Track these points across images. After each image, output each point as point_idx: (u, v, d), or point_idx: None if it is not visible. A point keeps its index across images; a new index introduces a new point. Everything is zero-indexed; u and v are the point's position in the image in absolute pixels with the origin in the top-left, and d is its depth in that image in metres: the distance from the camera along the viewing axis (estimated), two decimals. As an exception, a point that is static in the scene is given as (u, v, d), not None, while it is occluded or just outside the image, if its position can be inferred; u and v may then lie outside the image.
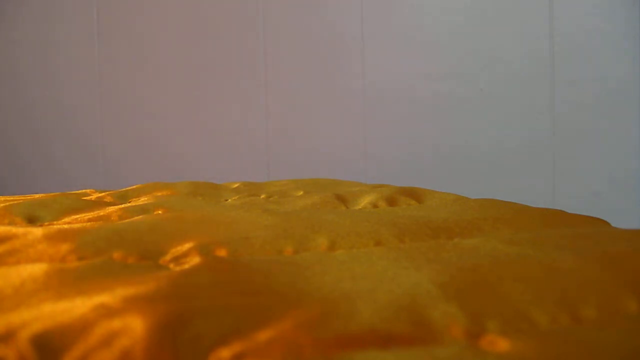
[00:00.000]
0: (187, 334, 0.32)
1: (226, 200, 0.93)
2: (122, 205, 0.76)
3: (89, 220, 0.68)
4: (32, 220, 0.69)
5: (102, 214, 0.70)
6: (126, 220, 0.65)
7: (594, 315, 0.38)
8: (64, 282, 0.41)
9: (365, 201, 0.84)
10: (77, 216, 0.70)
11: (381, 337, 0.33)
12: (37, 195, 0.93)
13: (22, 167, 2.14)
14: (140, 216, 0.69)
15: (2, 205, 0.73)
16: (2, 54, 2.15)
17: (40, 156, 2.13)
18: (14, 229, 0.57)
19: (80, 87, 2.09)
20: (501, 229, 0.64)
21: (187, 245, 0.52)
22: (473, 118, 1.85)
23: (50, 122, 2.12)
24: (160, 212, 0.73)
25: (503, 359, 0.31)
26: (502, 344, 0.33)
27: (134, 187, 1.00)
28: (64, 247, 0.51)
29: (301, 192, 0.99)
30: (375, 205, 0.83)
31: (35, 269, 0.43)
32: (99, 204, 0.80)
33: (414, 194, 0.88)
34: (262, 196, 0.96)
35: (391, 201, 0.85)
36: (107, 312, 0.35)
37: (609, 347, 0.32)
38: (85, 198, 0.89)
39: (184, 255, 0.50)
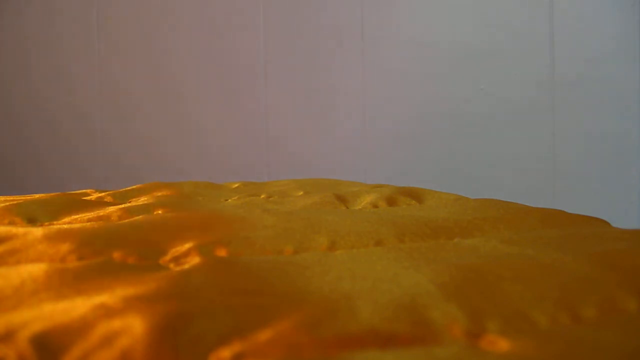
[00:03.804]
0: (187, 334, 0.32)
1: (226, 200, 0.93)
2: (122, 205, 0.76)
3: (89, 220, 0.68)
4: (32, 220, 0.69)
5: (102, 214, 0.70)
6: (126, 220, 0.65)
7: (594, 315, 0.38)
8: (64, 282, 0.41)
9: (365, 201, 0.84)
10: (77, 216, 0.70)
11: (381, 337, 0.33)
12: (37, 195, 0.93)
13: (21, 167, 2.14)
14: (140, 216, 0.69)
15: (2, 205, 0.73)
16: (2, 54, 2.15)
17: (39, 157, 2.13)
18: (14, 229, 0.57)
19: (80, 87, 2.09)
20: (501, 229, 0.64)
21: (187, 245, 0.52)
22: (473, 118, 1.85)
23: (49, 122, 2.12)
24: (160, 212, 0.73)
25: (503, 359, 0.31)
26: (502, 344, 0.33)
27: (134, 187, 1.00)
28: (64, 247, 0.51)
29: (301, 192, 0.99)
30: (375, 205, 0.83)
31: (35, 269, 0.43)
32: (99, 204, 0.80)
33: (414, 194, 0.88)
34: (262, 196, 0.96)
35: (391, 201, 0.85)
36: (107, 312, 0.35)
37: (609, 347, 0.32)
38: (85, 198, 0.89)
39: (184, 255, 0.50)
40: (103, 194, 0.95)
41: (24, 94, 2.13)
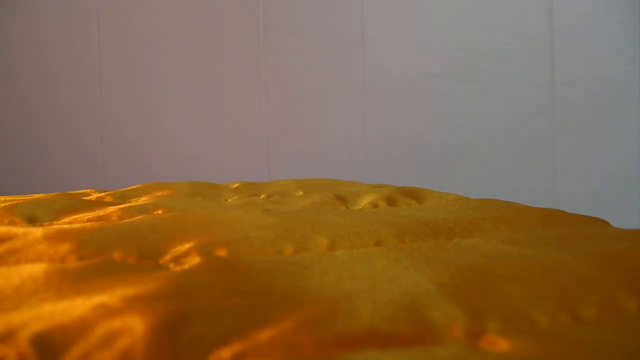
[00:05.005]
0: (187, 334, 0.32)
1: (226, 200, 0.93)
2: (122, 205, 0.76)
3: (89, 220, 0.68)
4: (32, 220, 0.69)
5: (102, 214, 0.70)
6: (126, 220, 0.65)
7: (594, 315, 0.38)
8: (64, 282, 0.41)
9: (365, 201, 0.84)
10: (77, 216, 0.70)
11: (381, 337, 0.33)
12: (37, 195, 0.93)
13: (21, 167, 2.14)
14: (140, 216, 0.69)
15: (2, 205, 0.73)
16: (2, 54, 2.15)
17: (39, 156, 2.13)
18: (14, 229, 0.57)
19: (80, 87, 2.09)
20: (501, 229, 0.64)
21: (187, 245, 0.52)
22: (473, 118, 1.85)
23: (49, 123, 2.12)
24: (160, 212, 0.73)
25: (503, 359, 0.31)
26: (502, 344, 0.33)
27: (134, 187, 1.01)
28: (64, 247, 0.51)
29: (301, 192, 0.99)
30: (375, 205, 0.83)
31: (35, 269, 0.43)
32: (99, 204, 0.80)
33: (414, 194, 0.88)
34: (262, 196, 0.96)
35: (391, 201, 0.85)
36: (107, 312, 0.35)
37: (609, 347, 0.32)
38: (85, 198, 0.89)
39: (184, 255, 0.50)
40: (103, 194, 0.96)
41: (27, 93, 2.13)
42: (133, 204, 0.79)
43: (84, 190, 1.02)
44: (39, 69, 2.12)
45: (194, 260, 0.48)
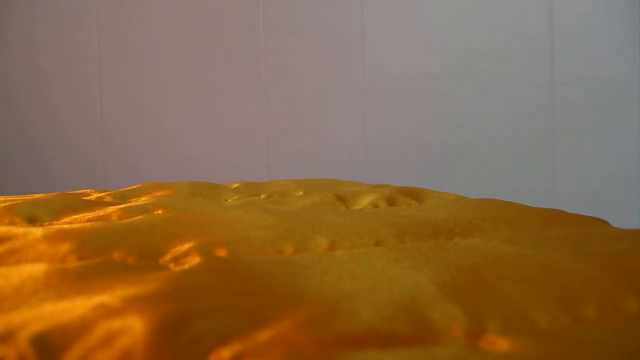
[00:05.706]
0: (187, 334, 0.32)
1: (226, 200, 0.93)
2: (122, 205, 0.76)
3: (89, 220, 0.68)
4: (32, 220, 0.69)
5: (102, 214, 0.70)
6: (126, 220, 0.65)
7: (594, 315, 0.38)
8: (64, 282, 0.41)
9: (365, 201, 0.84)
10: (77, 216, 0.70)
11: (381, 337, 0.33)
12: (37, 195, 0.93)
13: (21, 168, 2.14)
14: (140, 216, 0.69)
15: (2, 205, 0.73)
16: (1, 54, 2.15)
17: (39, 157, 2.13)
18: (14, 229, 0.57)
19: (80, 87, 2.09)
20: (501, 229, 0.64)
21: (187, 245, 0.52)
22: (473, 118, 1.85)
23: (49, 123, 2.12)
24: (160, 212, 0.73)
25: (503, 359, 0.31)
26: (502, 344, 0.33)
27: (134, 187, 1.01)
28: (64, 247, 0.51)
29: (301, 192, 0.99)
30: (375, 205, 0.83)
31: (35, 269, 0.43)
32: (99, 204, 0.80)
33: (414, 194, 0.88)
34: (262, 196, 0.96)
35: (391, 201, 0.85)
36: (107, 312, 0.35)
37: (609, 347, 0.32)
38: (85, 198, 0.89)
39: (184, 255, 0.50)
40: (103, 194, 0.96)
41: (27, 93, 2.13)
42: (133, 204, 0.79)
43: (84, 190, 1.02)
44: (38, 69, 2.12)
45: (194, 260, 0.48)
